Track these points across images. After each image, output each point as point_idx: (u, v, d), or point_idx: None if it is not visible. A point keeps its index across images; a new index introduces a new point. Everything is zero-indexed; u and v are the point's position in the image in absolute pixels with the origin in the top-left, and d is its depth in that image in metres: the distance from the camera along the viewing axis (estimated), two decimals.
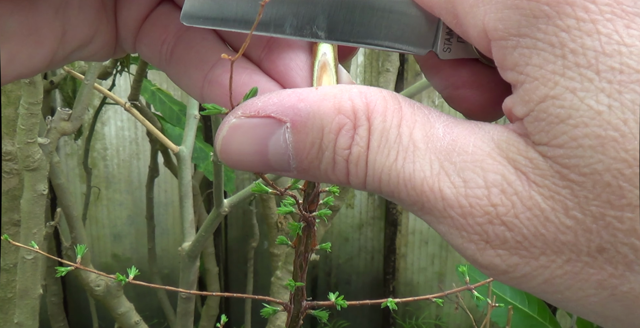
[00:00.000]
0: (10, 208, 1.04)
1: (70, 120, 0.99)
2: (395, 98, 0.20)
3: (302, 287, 0.47)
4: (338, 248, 2.03)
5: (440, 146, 0.19)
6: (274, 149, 0.20)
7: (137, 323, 1.16)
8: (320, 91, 0.20)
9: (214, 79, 0.23)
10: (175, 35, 0.24)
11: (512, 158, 0.19)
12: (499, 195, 0.18)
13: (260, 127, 0.20)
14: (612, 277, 0.18)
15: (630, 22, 0.17)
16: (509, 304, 1.51)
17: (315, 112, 0.20)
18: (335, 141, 0.20)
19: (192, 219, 1.02)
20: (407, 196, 0.20)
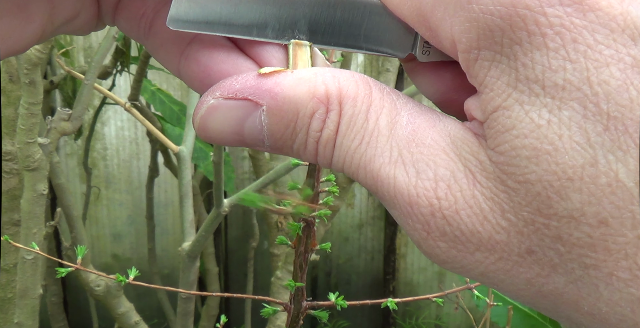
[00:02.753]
0: (10, 208, 1.04)
1: (70, 120, 0.99)
2: (367, 83, 0.21)
3: (302, 287, 0.47)
4: (338, 248, 2.03)
5: (401, 135, 0.20)
6: (250, 130, 0.21)
7: (137, 323, 1.16)
8: (295, 75, 0.21)
9: (191, 54, 0.23)
10: (153, 10, 0.24)
11: (463, 156, 0.20)
12: (445, 190, 0.19)
13: (237, 108, 0.21)
14: (539, 276, 0.19)
15: (578, 35, 0.18)
16: (509, 304, 1.51)
17: (291, 97, 0.21)
18: (309, 125, 0.21)
19: (192, 219, 1.02)
20: (365, 179, 0.21)
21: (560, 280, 0.19)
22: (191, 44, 0.23)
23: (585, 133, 0.17)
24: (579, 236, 0.18)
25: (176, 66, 0.24)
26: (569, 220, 0.18)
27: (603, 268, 0.18)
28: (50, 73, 1.48)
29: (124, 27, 0.25)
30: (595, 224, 0.17)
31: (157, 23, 0.24)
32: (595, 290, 0.18)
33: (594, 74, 0.17)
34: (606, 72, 0.17)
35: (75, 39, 1.81)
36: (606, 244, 0.17)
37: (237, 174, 1.94)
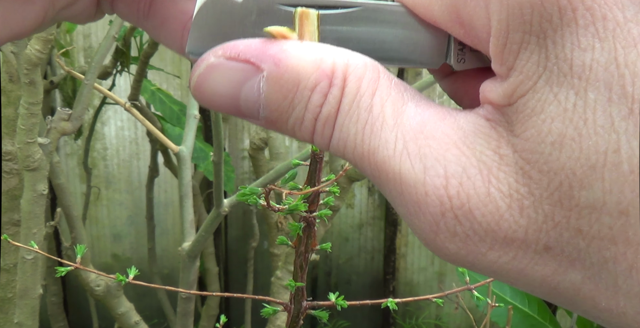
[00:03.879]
0: (10, 208, 1.04)
1: (70, 120, 0.99)
2: (376, 68, 0.20)
3: (302, 287, 0.47)
4: (338, 248, 2.03)
5: (408, 125, 0.19)
6: (246, 95, 0.20)
7: (137, 323, 1.16)
8: (304, 44, 0.20)
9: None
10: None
11: (478, 150, 0.18)
12: (457, 187, 0.18)
13: (237, 71, 0.20)
14: (555, 274, 0.18)
15: (608, 11, 0.17)
16: (509, 304, 1.51)
17: (295, 65, 0.19)
18: (309, 98, 0.19)
19: (192, 219, 1.02)
20: (369, 168, 0.20)
21: (578, 276, 0.18)
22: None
23: (609, 117, 0.17)
24: (599, 228, 0.17)
25: (179, 43, 0.23)
26: (590, 211, 0.17)
27: (622, 261, 0.17)
28: (50, 73, 1.48)
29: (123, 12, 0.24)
30: (616, 214, 0.17)
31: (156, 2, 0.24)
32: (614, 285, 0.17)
33: (622, 54, 0.17)
34: (633, 53, 0.16)
35: (75, 39, 1.81)
36: (626, 235, 0.17)
37: (237, 174, 1.94)
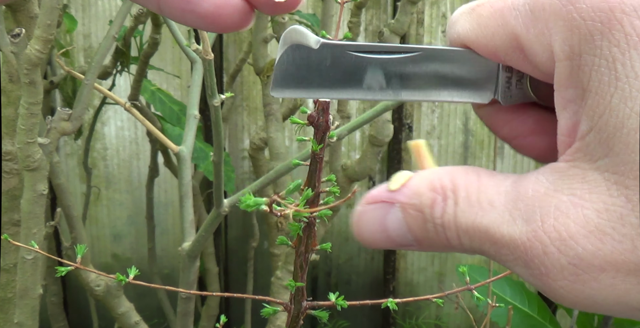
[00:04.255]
0: (10, 208, 1.04)
1: (70, 120, 0.99)
2: (475, 171, 0.24)
3: (302, 287, 0.47)
4: (338, 248, 2.03)
5: (508, 199, 0.22)
6: (393, 226, 0.24)
7: (137, 323, 1.16)
8: (418, 174, 0.24)
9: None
10: None
11: (566, 188, 0.20)
12: (552, 223, 0.20)
13: (377, 209, 0.25)
14: None
15: None
16: (509, 304, 1.51)
17: (415, 192, 0.24)
18: (432, 213, 0.23)
19: (192, 219, 1.02)
20: (488, 246, 0.22)
21: None
22: None
23: None
24: None
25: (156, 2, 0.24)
26: None
27: None
28: (50, 73, 1.48)
29: None
30: None
31: None
32: None
33: None
34: None
35: (75, 39, 1.81)
36: None
37: (237, 174, 1.94)
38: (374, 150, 1.22)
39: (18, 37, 0.84)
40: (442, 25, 1.89)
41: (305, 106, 0.44)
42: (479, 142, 1.95)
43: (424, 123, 1.93)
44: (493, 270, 1.50)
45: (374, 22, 1.88)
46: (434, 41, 1.88)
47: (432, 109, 1.92)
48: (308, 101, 1.67)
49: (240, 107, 1.92)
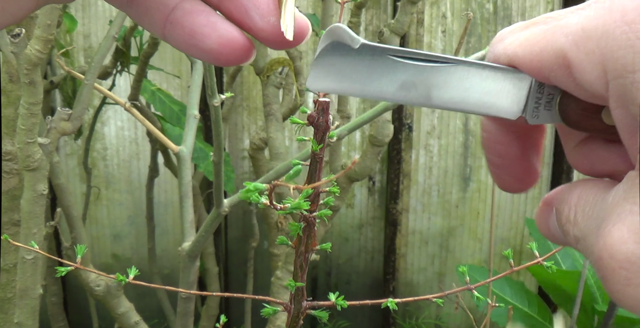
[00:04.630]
0: (10, 208, 1.04)
1: (70, 120, 0.99)
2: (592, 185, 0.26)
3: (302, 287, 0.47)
4: (338, 248, 2.03)
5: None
6: (552, 226, 0.27)
7: (137, 323, 1.16)
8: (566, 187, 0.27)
9: (176, 20, 0.25)
10: None
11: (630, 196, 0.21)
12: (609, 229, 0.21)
13: (544, 211, 0.27)
14: None
15: None
16: (509, 304, 1.51)
17: (553, 200, 0.27)
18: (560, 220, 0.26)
19: (192, 219, 1.02)
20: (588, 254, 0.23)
21: None
22: (174, 11, 0.25)
23: None
24: None
25: (161, 31, 0.26)
26: None
27: None
28: (50, 73, 1.48)
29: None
30: None
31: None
32: None
33: None
34: None
35: (75, 39, 1.81)
36: None
37: (237, 174, 1.94)
38: (374, 150, 1.22)
39: (18, 37, 0.84)
40: (442, 25, 1.89)
41: (305, 106, 0.44)
42: (479, 142, 1.94)
43: (424, 123, 1.93)
44: (493, 270, 1.50)
45: (374, 22, 1.88)
46: (434, 41, 1.88)
47: (432, 109, 1.92)
48: (308, 101, 1.67)
49: (240, 107, 1.92)
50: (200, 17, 0.25)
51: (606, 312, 1.05)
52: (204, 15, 0.25)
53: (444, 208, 1.99)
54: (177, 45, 0.26)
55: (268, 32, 0.25)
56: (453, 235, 2.01)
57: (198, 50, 0.25)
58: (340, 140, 1.11)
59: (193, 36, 0.25)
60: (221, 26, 0.25)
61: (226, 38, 0.25)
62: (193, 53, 0.25)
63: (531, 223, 1.74)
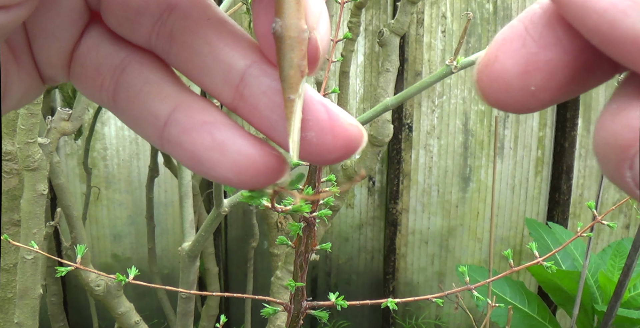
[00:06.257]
0: (10, 208, 1.04)
1: (70, 120, 0.99)
2: None
3: (302, 287, 0.47)
4: (338, 248, 2.03)
5: None
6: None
7: (137, 323, 1.16)
8: None
9: (172, 140, 0.19)
10: (111, 79, 0.20)
11: None
12: None
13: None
14: None
15: None
16: (509, 304, 1.51)
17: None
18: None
19: (192, 219, 1.02)
20: None
21: None
22: (168, 126, 0.20)
23: None
24: None
25: (159, 146, 0.20)
26: None
27: None
28: None
29: (88, 96, 0.21)
30: None
31: (120, 98, 0.20)
32: None
33: None
34: None
35: None
36: None
37: None
38: (374, 150, 1.22)
39: None
40: (442, 25, 1.89)
41: None
42: (479, 142, 1.95)
43: (424, 123, 1.93)
44: (493, 270, 1.50)
45: (374, 22, 1.88)
46: (433, 41, 1.88)
47: (432, 109, 1.92)
48: None
49: None
50: (202, 135, 0.19)
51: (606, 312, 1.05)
52: (207, 131, 0.19)
53: (443, 208, 1.99)
54: (185, 166, 0.20)
55: (306, 151, 0.19)
56: (453, 234, 2.01)
57: (211, 178, 0.19)
58: None
59: (199, 163, 0.19)
60: (232, 147, 0.19)
61: (243, 165, 0.19)
62: (210, 179, 0.20)
63: (531, 223, 1.74)
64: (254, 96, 0.19)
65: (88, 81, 0.20)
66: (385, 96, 1.14)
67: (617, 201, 1.97)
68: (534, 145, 1.96)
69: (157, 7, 0.19)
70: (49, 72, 0.21)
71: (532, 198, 1.99)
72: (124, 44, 0.20)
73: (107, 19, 0.20)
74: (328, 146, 0.19)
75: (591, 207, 0.71)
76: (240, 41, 0.20)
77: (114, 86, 0.20)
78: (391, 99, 0.71)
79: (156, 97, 0.20)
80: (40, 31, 0.20)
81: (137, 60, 0.20)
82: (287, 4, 0.18)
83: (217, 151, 0.19)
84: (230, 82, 0.19)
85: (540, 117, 1.95)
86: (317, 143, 0.19)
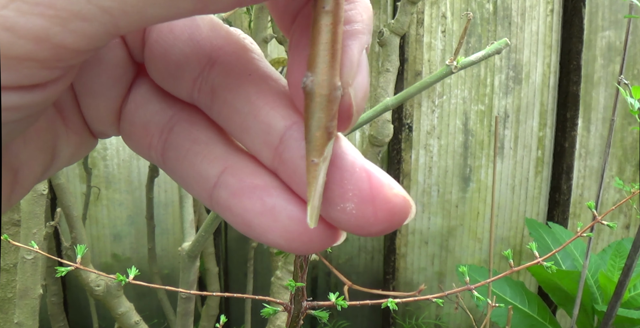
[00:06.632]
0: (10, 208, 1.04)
1: None
2: None
3: (302, 287, 0.47)
4: (338, 248, 2.03)
5: None
6: None
7: (137, 323, 1.16)
8: None
9: (222, 203, 0.19)
10: (159, 138, 0.20)
11: None
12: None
13: None
14: None
15: None
16: (509, 304, 1.51)
17: None
18: None
19: (192, 219, 1.02)
20: None
21: None
22: (217, 189, 0.19)
23: None
24: None
25: (209, 205, 0.20)
26: None
27: None
28: None
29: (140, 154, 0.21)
30: None
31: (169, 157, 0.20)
32: None
33: None
34: None
35: None
36: None
37: None
38: (374, 150, 1.22)
39: None
40: (442, 25, 1.89)
41: None
42: (479, 142, 1.95)
43: (424, 123, 1.93)
44: (493, 270, 1.50)
45: (374, 22, 1.88)
46: (433, 41, 1.89)
47: (432, 109, 1.92)
48: None
49: None
50: (252, 200, 0.18)
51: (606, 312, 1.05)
52: (257, 195, 0.18)
53: (444, 208, 1.99)
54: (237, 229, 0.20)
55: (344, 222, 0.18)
56: (453, 234, 2.01)
57: (262, 242, 0.19)
58: None
59: (250, 228, 0.19)
60: (283, 213, 0.18)
61: (295, 231, 0.18)
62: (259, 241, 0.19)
63: (531, 223, 1.74)
64: (292, 160, 0.18)
65: (137, 139, 0.20)
66: (385, 96, 1.14)
67: (617, 201, 1.97)
68: (534, 145, 1.96)
69: (198, 62, 0.19)
70: (100, 128, 0.21)
71: (532, 198, 1.99)
72: (171, 101, 0.20)
73: (152, 73, 0.19)
74: (369, 220, 0.18)
75: (591, 207, 0.71)
76: (282, 98, 0.19)
77: (162, 144, 0.20)
78: (391, 99, 0.71)
79: (205, 159, 0.19)
80: (86, 90, 0.19)
81: (185, 118, 0.19)
82: (321, 56, 0.17)
83: (268, 217, 0.18)
84: (269, 143, 0.18)
85: (540, 118, 1.95)
86: (357, 216, 0.18)
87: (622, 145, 1.95)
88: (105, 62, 0.19)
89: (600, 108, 1.92)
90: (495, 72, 1.91)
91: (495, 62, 1.91)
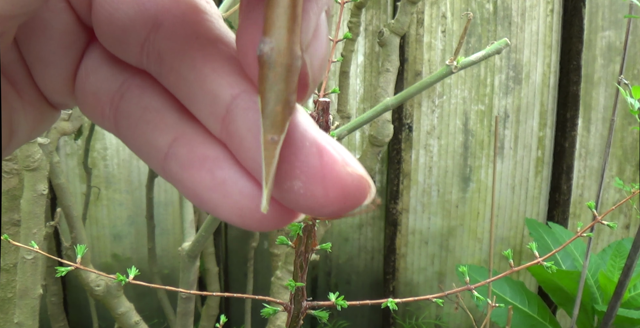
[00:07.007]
0: (10, 208, 1.04)
1: (70, 120, 0.99)
2: None
3: (302, 287, 0.47)
4: (338, 248, 2.03)
5: None
6: None
7: (137, 323, 1.16)
8: None
9: (173, 176, 0.18)
10: (111, 106, 0.19)
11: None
12: None
13: None
14: None
15: None
16: (509, 304, 1.51)
17: None
18: None
19: (192, 219, 1.02)
20: None
21: None
22: (167, 160, 0.18)
23: None
24: None
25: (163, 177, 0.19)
26: None
27: None
28: None
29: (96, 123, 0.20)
30: None
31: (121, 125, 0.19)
32: None
33: None
34: None
35: None
36: None
37: None
38: (374, 150, 1.22)
39: None
40: (442, 25, 1.89)
41: (305, 106, 0.44)
42: (479, 142, 1.95)
43: (424, 123, 1.93)
44: (493, 270, 1.50)
45: (374, 22, 1.88)
46: (433, 41, 1.89)
47: (432, 109, 1.92)
48: (308, 101, 1.67)
49: None
50: (201, 173, 0.17)
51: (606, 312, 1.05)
52: (207, 168, 0.17)
53: (444, 208, 1.99)
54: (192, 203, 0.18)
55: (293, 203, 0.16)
56: (453, 234, 2.01)
57: (217, 217, 0.18)
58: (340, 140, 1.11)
59: (202, 203, 0.17)
60: (235, 188, 0.17)
61: (247, 208, 0.17)
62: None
63: (531, 223, 1.74)
64: (239, 133, 0.17)
65: (90, 107, 0.19)
66: (385, 96, 1.14)
67: (617, 201, 1.97)
68: (534, 145, 1.96)
69: (144, 25, 0.17)
70: (57, 99, 0.20)
71: (532, 198, 1.99)
72: (122, 67, 0.19)
73: (100, 38, 0.18)
74: (319, 200, 0.16)
75: (591, 207, 0.71)
76: (231, 64, 0.17)
77: (114, 112, 0.19)
78: (391, 99, 0.71)
79: (156, 127, 0.18)
80: (36, 59, 0.19)
81: (136, 85, 0.18)
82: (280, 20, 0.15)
83: (219, 192, 0.17)
84: (216, 114, 0.17)
85: (540, 118, 1.95)
86: (306, 195, 0.16)
87: (622, 145, 1.95)
88: (52, 29, 0.18)
89: (600, 108, 1.92)
90: (495, 72, 1.91)
91: (495, 62, 1.91)
